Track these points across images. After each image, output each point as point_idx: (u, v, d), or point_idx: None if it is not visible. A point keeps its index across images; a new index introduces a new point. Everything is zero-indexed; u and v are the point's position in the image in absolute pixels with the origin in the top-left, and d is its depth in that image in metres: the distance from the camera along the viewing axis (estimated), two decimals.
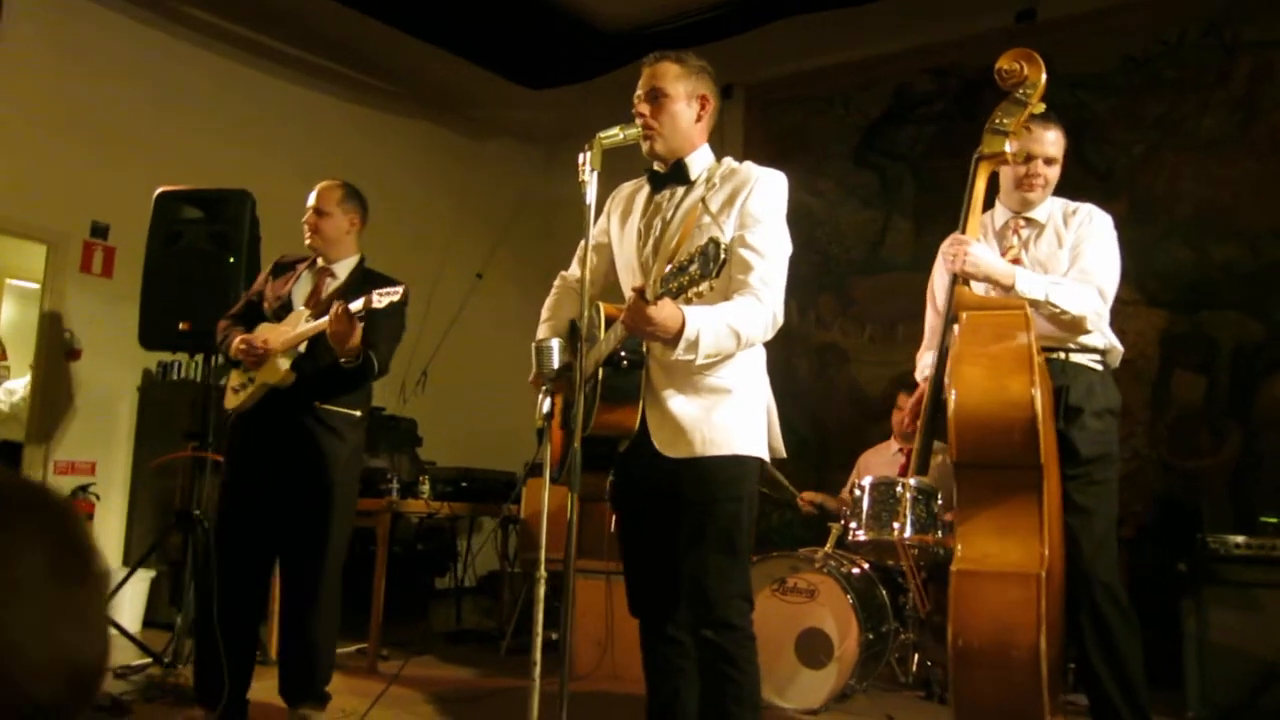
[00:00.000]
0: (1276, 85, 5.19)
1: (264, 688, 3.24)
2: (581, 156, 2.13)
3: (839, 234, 6.35)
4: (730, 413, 2.20)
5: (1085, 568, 2.58)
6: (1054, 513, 2.43)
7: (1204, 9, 5.41)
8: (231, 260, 4.11)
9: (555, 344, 2.28)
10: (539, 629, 2.24)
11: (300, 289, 3.24)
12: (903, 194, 6.27)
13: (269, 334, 3.13)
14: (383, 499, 4.43)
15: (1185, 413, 5.26)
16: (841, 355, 6.32)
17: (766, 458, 2.29)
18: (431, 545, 6.31)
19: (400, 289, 2.88)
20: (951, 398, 2.41)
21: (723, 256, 1.77)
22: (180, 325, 4.09)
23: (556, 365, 2.27)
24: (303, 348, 3.09)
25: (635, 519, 2.37)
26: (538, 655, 2.25)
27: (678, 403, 2.19)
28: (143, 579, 4.92)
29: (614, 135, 2.22)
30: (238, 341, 3.12)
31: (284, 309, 3.20)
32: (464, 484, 5.12)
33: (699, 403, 2.19)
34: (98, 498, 5.25)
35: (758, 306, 2.15)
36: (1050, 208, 2.87)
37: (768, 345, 2.30)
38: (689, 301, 1.86)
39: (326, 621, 3.11)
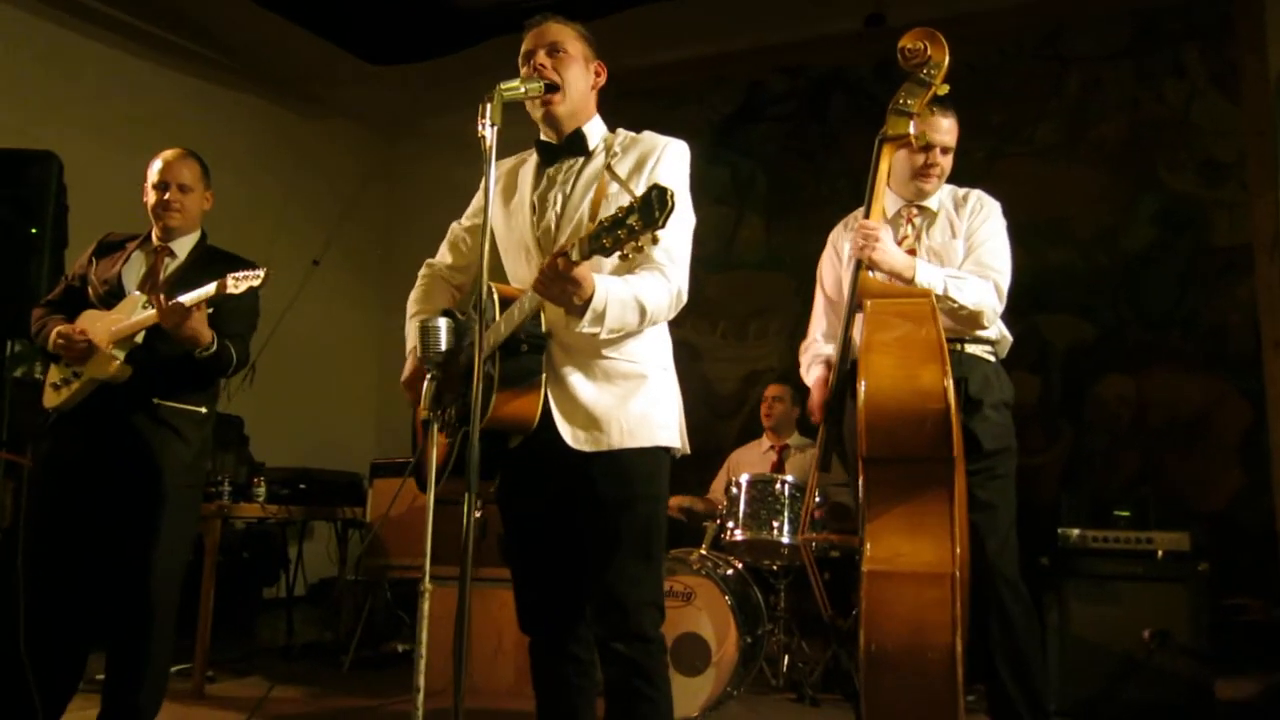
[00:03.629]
0: (1104, 98, 5.43)
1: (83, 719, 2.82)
2: (481, 109, 1.88)
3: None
4: (648, 400, 2.01)
5: (990, 564, 2.54)
6: (962, 508, 2.36)
7: (1039, 22, 5.62)
8: (34, 231, 3.60)
9: (443, 323, 2.01)
10: (423, 649, 1.98)
11: (132, 270, 2.88)
12: (755, 191, 6.24)
13: (95, 323, 2.76)
14: (213, 503, 3.98)
15: (1021, 411, 5.41)
16: (693, 352, 6.20)
17: (682, 450, 2.11)
18: (258, 552, 5.82)
19: (262, 273, 2.62)
20: (861, 388, 2.30)
21: (670, 203, 1.57)
22: None
23: (444, 348, 2.01)
24: (139, 338, 2.73)
25: (531, 524, 2.12)
26: (421, 680, 1.99)
27: (588, 390, 1.98)
28: None
29: (514, 87, 1.99)
30: (55, 334, 2.76)
31: (114, 294, 2.83)
32: (302, 485, 4.71)
33: (612, 390, 1.99)
34: None
35: (663, 282, 1.98)
36: (941, 195, 2.86)
37: None
38: (625, 258, 1.65)
39: (159, 647, 2.70)
